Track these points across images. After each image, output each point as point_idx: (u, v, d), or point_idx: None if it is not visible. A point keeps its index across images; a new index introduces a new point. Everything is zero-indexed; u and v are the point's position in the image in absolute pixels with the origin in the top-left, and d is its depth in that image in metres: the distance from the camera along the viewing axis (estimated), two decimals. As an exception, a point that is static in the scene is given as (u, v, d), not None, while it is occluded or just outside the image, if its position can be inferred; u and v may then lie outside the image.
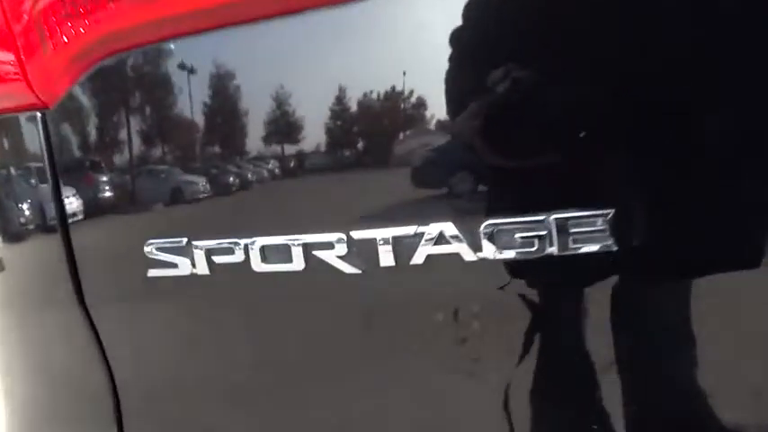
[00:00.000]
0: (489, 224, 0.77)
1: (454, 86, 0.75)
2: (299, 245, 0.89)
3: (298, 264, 0.89)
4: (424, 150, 0.82)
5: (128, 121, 1.02)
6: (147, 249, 1.00)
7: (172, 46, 0.93)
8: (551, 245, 0.75)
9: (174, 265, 0.98)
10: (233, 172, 0.95)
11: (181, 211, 1.02)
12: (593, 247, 0.74)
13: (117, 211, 1.07)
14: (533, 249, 0.76)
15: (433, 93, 0.78)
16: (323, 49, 0.85)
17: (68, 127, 1.07)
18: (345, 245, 0.86)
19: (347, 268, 0.87)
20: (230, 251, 0.93)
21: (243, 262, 0.92)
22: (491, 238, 0.77)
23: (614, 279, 0.78)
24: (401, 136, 0.84)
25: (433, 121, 0.82)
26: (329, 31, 0.82)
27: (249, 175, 0.93)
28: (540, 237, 0.75)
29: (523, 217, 0.75)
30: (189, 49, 0.92)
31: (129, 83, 1.00)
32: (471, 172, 0.80)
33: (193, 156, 0.98)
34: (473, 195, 0.81)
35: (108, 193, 1.07)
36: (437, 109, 0.80)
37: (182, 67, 0.95)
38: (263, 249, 0.91)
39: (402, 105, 0.81)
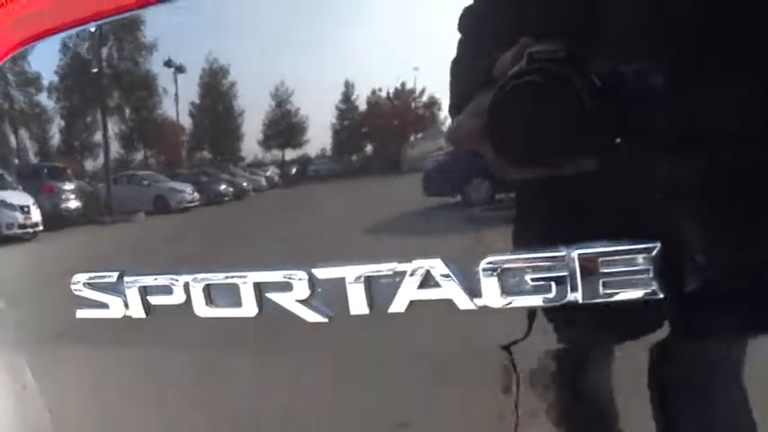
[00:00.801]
0: (491, 262, 0.60)
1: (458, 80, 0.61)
2: (249, 284, 0.70)
3: (249, 308, 0.71)
4: (405, 159, 0.64)
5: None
6: (73, 285, 0.82)
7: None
8: (574, 290, 0.58)
9: (105, 305, 0.80)
10: (173, 191, 0.76)
11: (114, 240, 0.84)
12: (632, 294, 0.57)
13: (41, 237, 0.89)
14: (550, 296, 0.59)
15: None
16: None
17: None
18: (307, 286, 0.68)
19: (309, 315, 0.69)
20: (168, 290, 0.75)
21: (184, 304, 0.74)
22: (493, 280, 0.60)
23: (659, 336, 0.60)
24: (374, 144, 0.65)
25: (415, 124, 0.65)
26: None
27: (188, 196, 0.75)
28: (558, 279, 0.58)
29: (537, 252, 0.59)
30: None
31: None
32: (465, 188, 0.61)
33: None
34: (469, 222, 0.61)
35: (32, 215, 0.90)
36: (420, 110, 0.65)
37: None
38: (207, 289, 0.73)
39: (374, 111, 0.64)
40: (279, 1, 0.72)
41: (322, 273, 0.67)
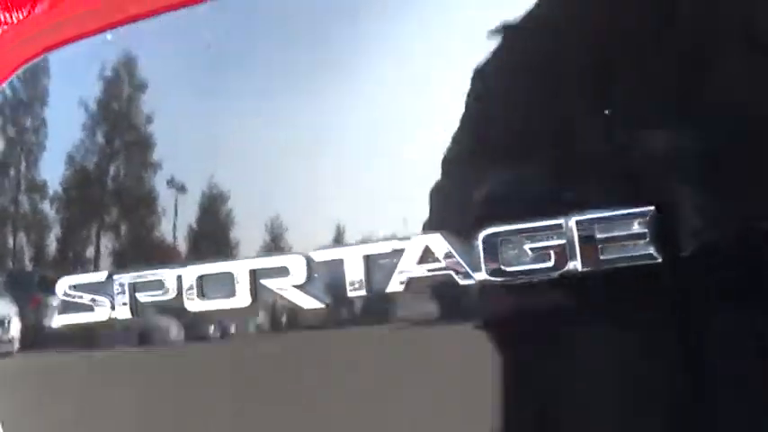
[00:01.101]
0: (490, 234, 0.61)
1: None
2: (243, 272, 0.68)
3: (242, 298, 0.69)
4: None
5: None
6: (59, 289, 0.79)
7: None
8: (573, 258, 0.58)
9: (89, 308, 0.77)
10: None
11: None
12: (629, 259, 0.57)
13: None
14: (549, 265, 0.59)
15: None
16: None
17: None
18: (305, 270, 0.67)
19: (307, 302, 0.67)
20: (159, 285, 0.73)
21: (174, 298, 0.72)
22: (493, 252, 0.61)
23: (658, 303, 0.60)
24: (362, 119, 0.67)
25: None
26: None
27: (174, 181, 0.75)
28: (557, 248, 0.59)
29: (534, 221, 0.59)
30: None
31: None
32: (463, 163, 0.62)
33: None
34: (466, 195, 0.62)
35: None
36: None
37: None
38: (200, 281, 0.71)
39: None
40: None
41: (320, 255, 0.66)
